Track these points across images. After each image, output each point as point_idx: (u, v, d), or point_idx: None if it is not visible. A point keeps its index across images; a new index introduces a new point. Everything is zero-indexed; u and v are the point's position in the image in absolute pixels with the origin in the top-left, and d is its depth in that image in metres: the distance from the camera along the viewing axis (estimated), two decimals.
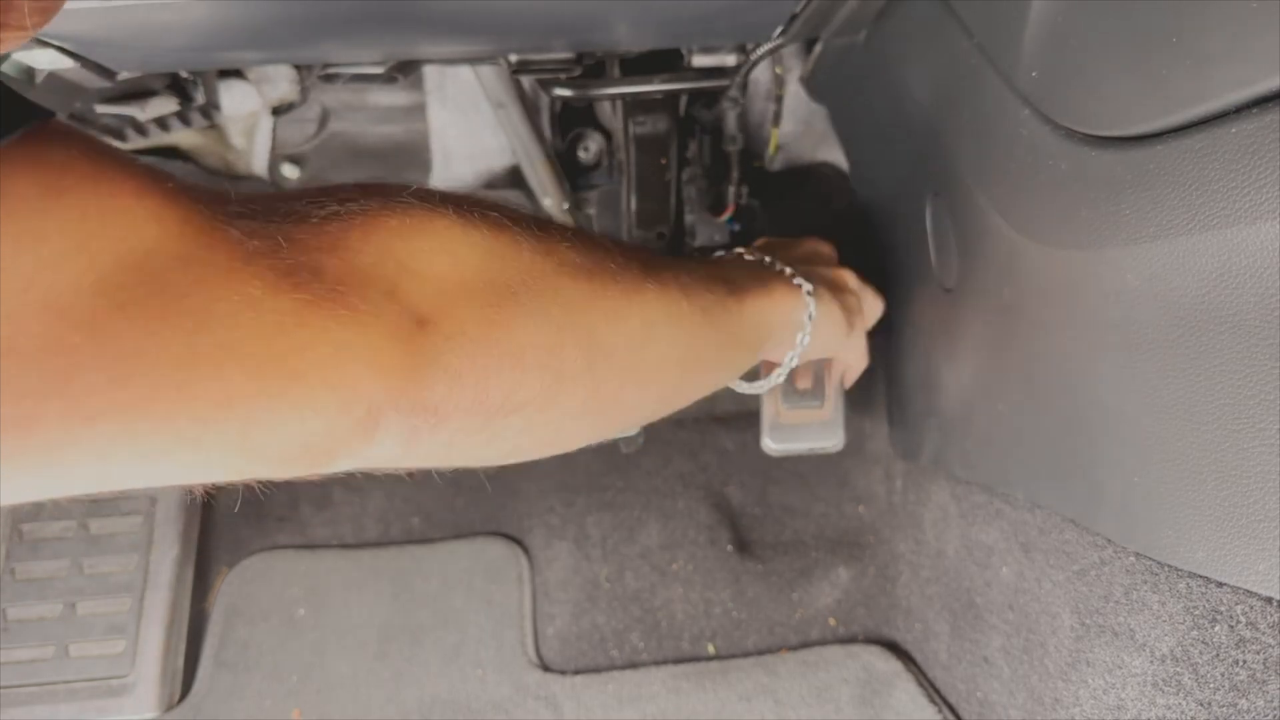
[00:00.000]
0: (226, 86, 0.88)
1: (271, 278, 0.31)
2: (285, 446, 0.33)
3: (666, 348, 0.48)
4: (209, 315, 0.30)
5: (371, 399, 0.34)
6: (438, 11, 0.56)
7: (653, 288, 0.47)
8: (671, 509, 0.92)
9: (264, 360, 0.31)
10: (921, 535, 0.81)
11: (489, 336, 0.38)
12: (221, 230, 0.31)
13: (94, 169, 0.29)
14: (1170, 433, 0.42)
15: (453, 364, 0.37)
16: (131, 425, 0.29)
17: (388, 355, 0.34)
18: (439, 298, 0.37)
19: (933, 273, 0.68)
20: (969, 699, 0.71)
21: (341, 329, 0.33)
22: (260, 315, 0.31)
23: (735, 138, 0.86)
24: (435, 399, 0.36)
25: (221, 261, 0.31)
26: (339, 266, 0.34)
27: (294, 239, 0.33)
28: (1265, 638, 0.41)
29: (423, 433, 0.37)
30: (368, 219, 0.36)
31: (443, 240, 0.38)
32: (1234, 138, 0.32)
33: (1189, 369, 0.39)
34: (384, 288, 0.35)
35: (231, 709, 0.85)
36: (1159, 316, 0.40)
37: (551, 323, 0.41)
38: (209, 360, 0.30)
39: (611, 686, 0.83)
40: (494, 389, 0.39)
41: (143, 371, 0.29)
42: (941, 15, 0.55)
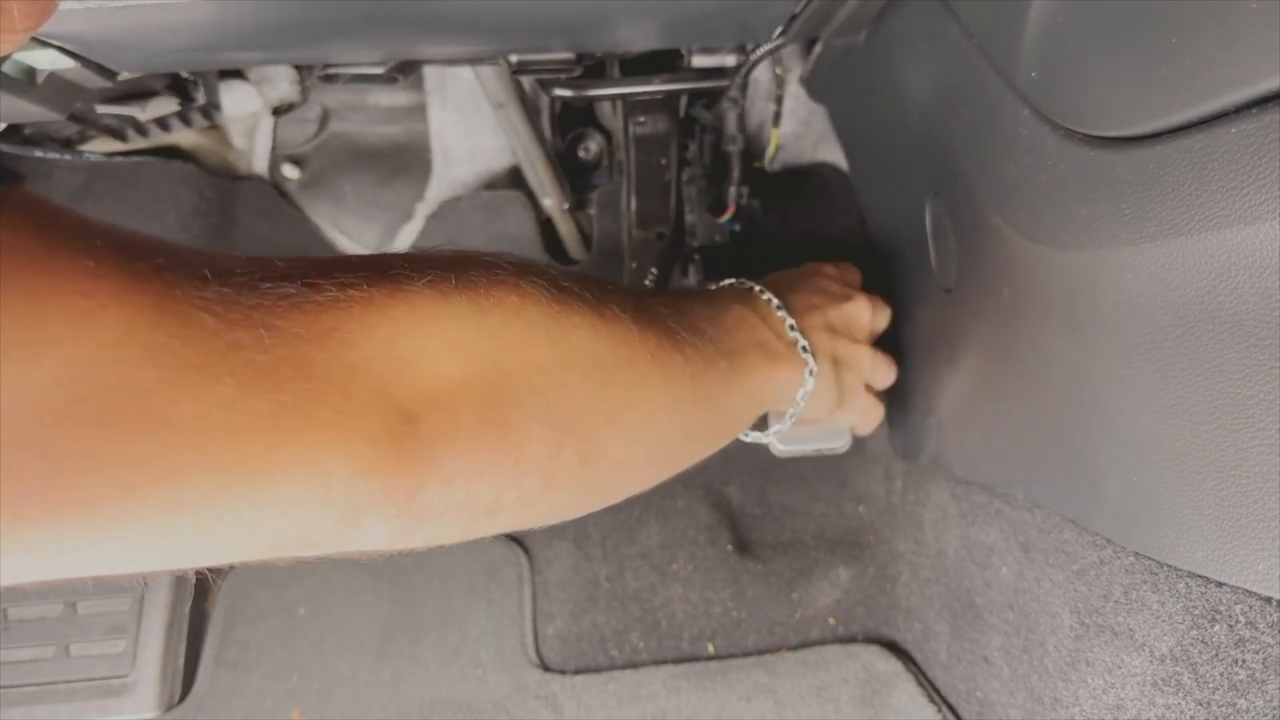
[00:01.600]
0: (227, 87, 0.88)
1: (247, 375, 0.30)
2: (250, 544, 0.32)
3: (662, 437, 0.47)
4: (171, 415, 0.28)
5: (349, 500, 0.32)
6: (438, 12, 0.56)
7: (659, 379, 0.45)
8: (671, 509, 0.92)
9: (230, 462, 0.29)
10: (921, 535, 0.81)
11: (485, 438, 0.36)
12: (196, 319, 0.29)
13: (45, 250, 0.27)
14: (1170, 432, 0.42)
15: (445, 465, 0.35)
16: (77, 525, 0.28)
17: (369, 458, 0.32)
18: (436, 395, 0.35)
19: (933, 273, 0.68)
20: (969, 699, 0.71)
21: (319, 431, 0.31)
22: (230, 416, 0.29)
23: (735, 138, 0.86)
24: (423, 502, 0.35)
25: (193, 356, 0.29)
26: (327, 361, 0.32)
27: (280, 329, 0.31)
28: (1265, 637, 0.42)
29: (406, 530, 0.35)
30: (370, 309, 0.34)
31: (450, 333, 0.36)
32: (1234, 138, 0.32)
33: (1189, 369, 0.39)
34: (374, 385, 0.33)
35: (232, 708, 0.85)
36: (1159, 316, 0.40)
37: (552, 425, 0.39)
38: (166, 462, 0.28)
39: (611, 686, 0.83)
40: (486, 491, 0.37)
41: (95, 471, 0.27)
42: (941, 15, 0.55)
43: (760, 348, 0.56)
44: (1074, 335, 0.48)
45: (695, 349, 0.49)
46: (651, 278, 0.89)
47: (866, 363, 0.66)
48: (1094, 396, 0.48)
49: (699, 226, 0.93)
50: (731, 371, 0.52)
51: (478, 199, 1.02)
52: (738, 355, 0.53)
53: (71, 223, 0.29)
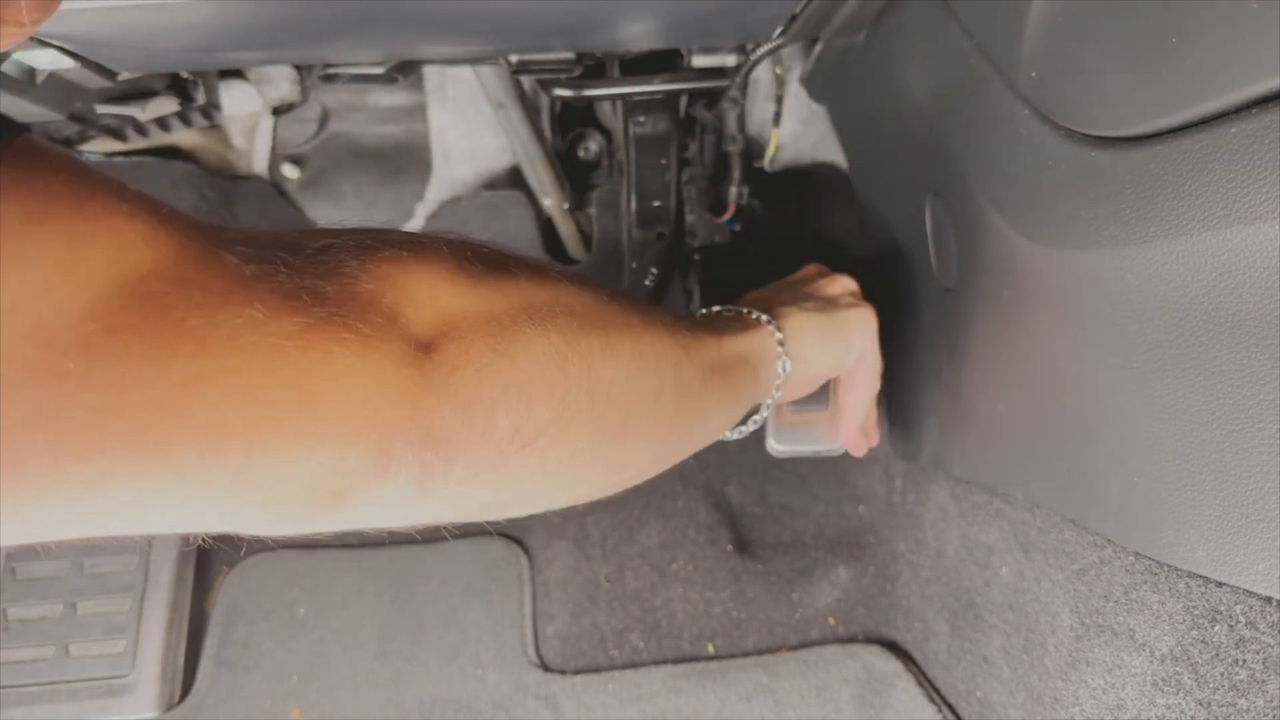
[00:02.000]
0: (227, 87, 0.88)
1: (272, 300, 0.30)
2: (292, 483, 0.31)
3: (658, 382, 0.48)
4: (209, 338, 0.28)
5: (382, 427, 0.32)
6: (438, 12, 0.56)
7: (640, 322, 0.47)
8: (671, 509, 0.92)
9: (269, 385, 0.29)
10: (921, 535, 0.81)
11: (494, 365, 0.37)
12: (217, 254, 0.30)
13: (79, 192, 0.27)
14: (1170, 432, 0.42)
15: (460, 393, 0.35)
16: (126, 460, 0.27)
17: (395, 380, 0.33)
18: (442, 326, 0.36)
19: (933, 273, 0.68)
20: (969, 699, 0.71)
21: (346, 352, 0.31)
22: (263, 337, 0.29)
23: (735, 138, 0.86)
24: (446, 429, 0.35)
25: (219, 285, 0.29)
26: (339, 292, 0.33)
27: (291, 265, 0.32)
28: (1265, 637, 0.42)
29: (435, 470, 0.36)
30: (364, 250, 0.35)
31: (440, 271, 0.37)
32: (1234, 138, 0.32)
33: (1189, 369, 0.39)
34: (386, 313, 0.34)
35: (232, 709, 0.85)
36: (1159, 316, 0.40)
37: (553, 352, 0.40)
38: (211, 385, 0.28)
39: (611, 686, 0.83)
40: (502, 419, 0.37)
41: (139, 399, 0.27)
42: (941, 15, 0.55)
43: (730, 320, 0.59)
44: (1074, 335, 0.48)
45: (669, 312, 0.52)
46: (651, 278, 0.89)
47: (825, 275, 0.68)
48: (1094, 396, 0.48)
49: (699, 226, 0.93)
50: (709, 333, 0.54)
51: (478, 199, 1.02)
52: (710, 323, 0.56)
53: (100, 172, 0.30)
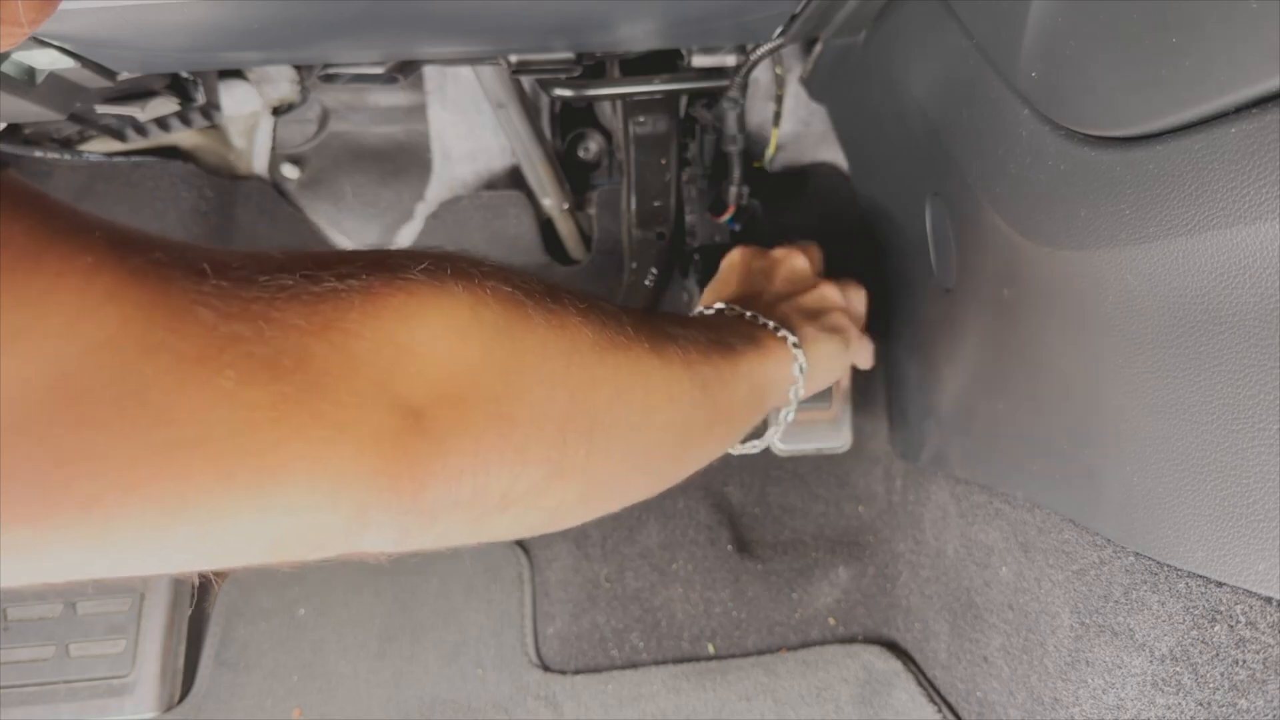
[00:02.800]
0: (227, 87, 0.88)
1: (248, 367, 0.29)
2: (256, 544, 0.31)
3: (664, 426, 0.47)
4: (172, 409, 0.27)
5: (356, 498, 0.31)
6: (438, 12, 0.56)
7: (657, 363, 0.45)
8: (671, 509, 0.92)
9: (232, 458, 0.28)
10: (921, 535, 0.81)
11: (494, 431, 0.35)
12: (193, 313, 0.28)
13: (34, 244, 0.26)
14: (1170, 432, 0.42)
15: (452, 462, 0.34)
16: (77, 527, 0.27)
17: (375, 456, 0.31)
18: (441, 388, 0.34)
19: (933, 273, 0.68)
20: (969, 698, 0.71)
21: (321, 427, 0.30)
22: (232, 410, 0.28)
23: (735, 138, 0.86)
24: (429, 500, 0.34)
25: (192, 350, 0.28)
26: (328, 353, 0.31)
27: (279, 320, 0.30)
28: (1265, 637, 0.42)
29: (413, 530, 0.35)
30: (369, 298, 0.33)
31: (451, 321, 0.35)
32: (1234, 138, 0.32)
33: (1189, 369, 0.39)
34: (377, 378, 0.32)
35: (232, 708, 0.85)
36: (1159, 316, 0.40)
37: (556, 411, 0.39)
38: (167, 460, 0.27)
39: (611, 686, 0.83)
40: (493, 485, 0.36)
41: (93, 471, 0.26)
42: (941, 15, 0.55)
43: (747, 337, 0.57)
44: (1074, 335, 0.48)
45: (687, 339, 0.49)
46: (651, 278, 0.89)
47: (836, 297, 0.67)
48: (1094, 396, 0.48)
49: (699, 226, 0.93)
50: (724, 360, 0.52)
51: (478, 199, 1.02)
52: (728, 346, 0.54)
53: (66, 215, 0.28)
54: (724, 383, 0.51)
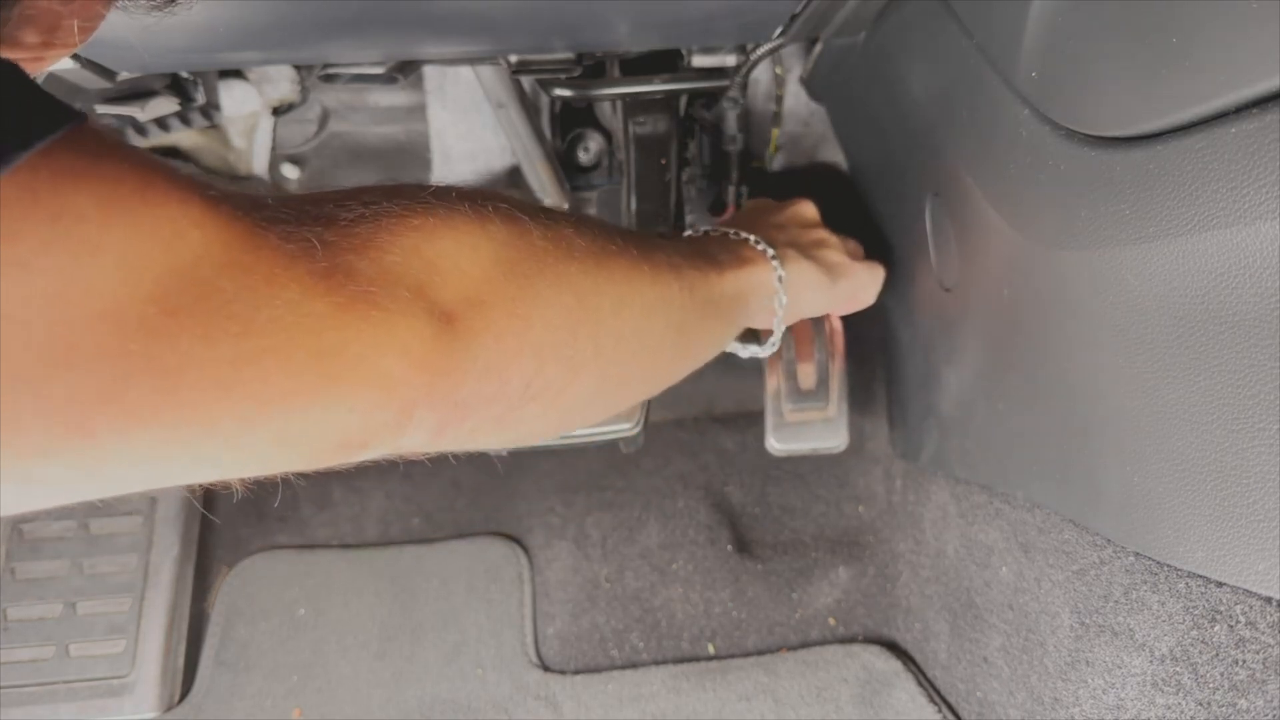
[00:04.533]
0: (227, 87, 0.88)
1: (309, 281, 0.33)
2: (323, 442, 0.35)
3: (662, 327, 0.52)
4: (253, 319, 0.31)
5: (405, 395, 0.35)
6: (438, 12, 0.56)
7: (648, 269, 0.49)
8: (671, 509, 0.92)
9: (304, 361, 0.32)
10: (921, 535, 0.81)
11: (512, 330, 0.40)
12: (261, 236, 0.32)
13: (143, 180, 0.29)
14: (1170, 432, 0.42)
15: (479, 358, 0.38)
16: (180, 429, 0.30)
17: (420, 352, 0.36)
18: (465, 294, 0.38)
19: (933, 272, 0.68)
20: (969, 698, 0.71)
21: (375, 329, 0.34)
22: (300, 318, 0.32)
23: (735, 138, 0.86)
24: (463, 392, 0.38)
25: (263, 267, 0.32)
26: (369, 267, 0.35)
27: (327, 241, 0.34)
28: (1264, 637, 0.42)
29: (450, 424, 0.39)
30: (394, 220, 0.38)
31: (463, 236, 0.40)
32: (1234, 138, 0.32)
33: (1189, 369, 0.39)
34: (412, 286, 0.36)
35: (232, 708, 0.85)
36: (1159, 316, 0.40)
37: (566, 311, 0.43)
38: (254, 363, 0.31)
39: (611, 686, 0.83)
40: (515, 379, 0.41)
41: (192, 376, 0.30)
42: (941, 16, 0.55)
43: (728, 249, 0.62)
44: (1074, 335, 0.48)
45: (673, 249, 0.54)
46: None
47: (835, 241, 0.71)
48: (1094, 396, 0.48)
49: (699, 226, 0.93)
50: (708, 266, 0.57)
51: None
52: (712, 257, 0.59)
53: (154, 158, 0.31)
54: (708, 284, 0.57)
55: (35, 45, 0.25)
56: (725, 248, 0.62)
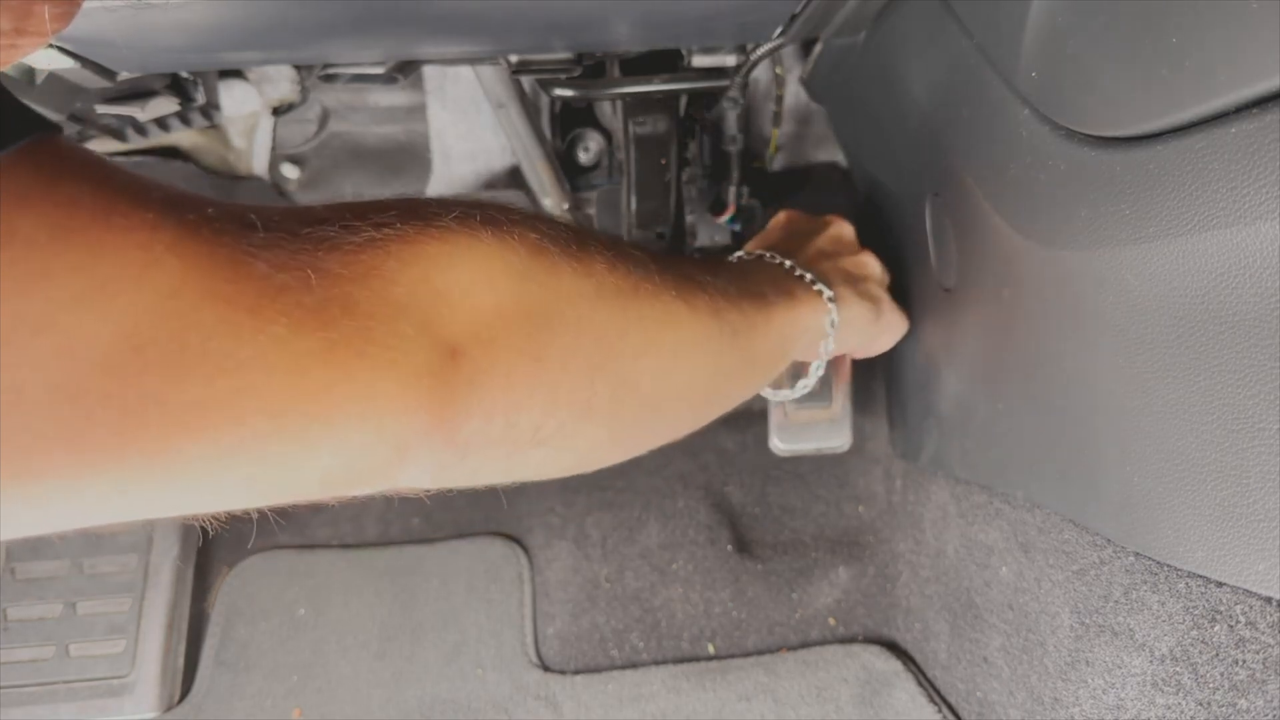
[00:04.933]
0: (227, 87, 0.88)
1: (298, 315, 0.30)
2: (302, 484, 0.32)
3: (690, 375, 0.47)
4: (230, 357, 0.29)
5: (399, 438, 0.33)
6: (438, 12, 0.56)
7: (685, 311, 0.45)
8: (671, 509, 0.92)
9: (285, 402, 0.30)
10: (921, 535, 0.81)
11: (523, 370, 0.37)
12: (246, 264, 0.30)
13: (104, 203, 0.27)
14: (1169, 432, 0.42)
15: (485, 399, 0.36)
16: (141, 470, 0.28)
17: (417, 394, 0.33)
18: (475, 329, 0.35)
19: (933, 273, 0.68)
20: (969, 698, 0.71)
21: (369, 369, 0.32)
22: (285, 356, 0.30)
23: (735, 138, 0.86)
24: (465, 435, 0.35)
25: (246, 299, 0.29)
26: (371, 299, 0.32)
27: (324, 270, 0.32)
28: (1265, 637, 0.42)
29: (449, 464, 0.36)
30: (405, 245, 0.35)
31: (481, 267, 0.36)
32: (1234, 138, 0.32)
33: (1189, 369, 0.39)
34: (418, 320, 0.33)
35: (232, 708, 0.85)
36: (1159, 316, 0.40)
37: (584, 356, 0.40)
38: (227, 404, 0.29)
39: (611, 686, 0.83)
40: (523, 423, 0.38)
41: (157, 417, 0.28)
42: (941, 15, 0.55)
43: (779, 287, 0.57)
44: (1074, 335, 0.48)
45: (717, 288, 0.49)
46: None
47: (878, 269, 0.68)
48: (1094, 396, 0.48)
49: (699, 226, 0.93)
50: (755, 310, 0.52)
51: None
52: (761, 297, 0.54)
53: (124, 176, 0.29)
54: (754, 331, 0.52)
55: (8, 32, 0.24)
56: (775, 282, 0.57)
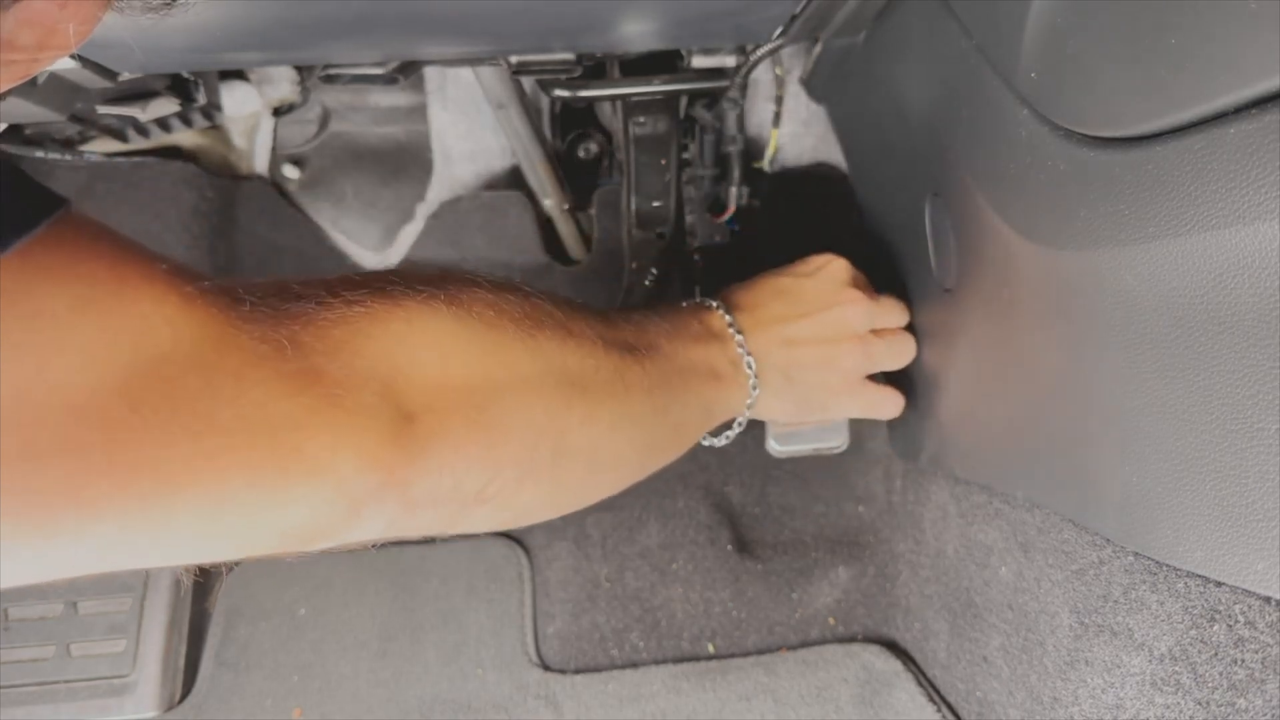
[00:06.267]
0: (228, 87, 0.88)
1: (274, 383, 0.34)
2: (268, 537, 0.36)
3: (624, 444, 0.52)
4: (216, 418, 0.32)
5: (355, 494, 0.36)
6: (438, 13, 0.56)
7: (622, 391, 0.50)
8: (671, 509, 0.92)
9: (261, 460, 0.33)
10: (921, 535, 0.81)
11: (470, 437, 0.41)
12: (233, 335, 0.33)
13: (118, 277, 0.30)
14: (1169, 432, 0.42)
15: (436, 461, 0.39)
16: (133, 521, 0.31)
17: (375, 454, 0.37)
18: (429, 399, 0.39)
19: (932, 273, 0.68)
20: (968, 698, 0.71)
21: (333, 431, 0.35)
22: (263, 419, 0.33)
23: (735, 138, 0.86)
24: (414, 492, 0.39)
25: (231, 366, 0.33)
26: (339, 370, 0.36)
27: (300, 342, 0.36)
28: (1264, 637, 0.42)
29: (400, 519, 0.40)
30: (373, 323, 0.39)
31: (439, 344, 0.41)
32: (1234, 138, 0.33)
33: (1188, 369, 0.39)
34: (378, 389, 0.37)
35: (233, 708, 0.85)
36: (1158, 316, 0.40)
37: (528, 426, 0.44)
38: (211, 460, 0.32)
39: (612, 686, 0.84)
40: (469, 484, 0.41)
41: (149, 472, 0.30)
42: (941, 16, 0.55)
43: (709, 368, 0.60)
44: (1073, 335, 0.48)
45: (654, 364, 0.54)
46: (651, 278, 0.89)
47: (852, 361, 0.67)
48: (1093, 396, 0.48)
49: (699, 226, 0.93)
50: (684, 388, 0.57)
51: (478, 199, 1.02)
52: (690, 373, 0.58)
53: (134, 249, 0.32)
54: (682, 407, 0.57)
55: (31, 47, 0.25)
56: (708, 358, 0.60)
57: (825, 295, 0.66)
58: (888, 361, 0.70)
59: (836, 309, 0.65)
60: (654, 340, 0.56)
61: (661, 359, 0.55)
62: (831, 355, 0.65)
